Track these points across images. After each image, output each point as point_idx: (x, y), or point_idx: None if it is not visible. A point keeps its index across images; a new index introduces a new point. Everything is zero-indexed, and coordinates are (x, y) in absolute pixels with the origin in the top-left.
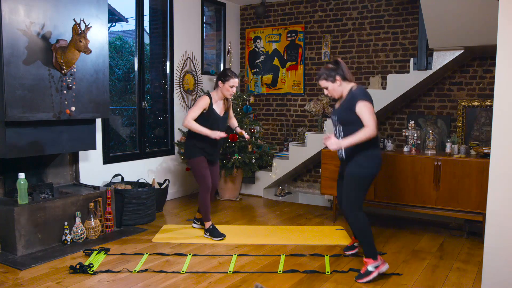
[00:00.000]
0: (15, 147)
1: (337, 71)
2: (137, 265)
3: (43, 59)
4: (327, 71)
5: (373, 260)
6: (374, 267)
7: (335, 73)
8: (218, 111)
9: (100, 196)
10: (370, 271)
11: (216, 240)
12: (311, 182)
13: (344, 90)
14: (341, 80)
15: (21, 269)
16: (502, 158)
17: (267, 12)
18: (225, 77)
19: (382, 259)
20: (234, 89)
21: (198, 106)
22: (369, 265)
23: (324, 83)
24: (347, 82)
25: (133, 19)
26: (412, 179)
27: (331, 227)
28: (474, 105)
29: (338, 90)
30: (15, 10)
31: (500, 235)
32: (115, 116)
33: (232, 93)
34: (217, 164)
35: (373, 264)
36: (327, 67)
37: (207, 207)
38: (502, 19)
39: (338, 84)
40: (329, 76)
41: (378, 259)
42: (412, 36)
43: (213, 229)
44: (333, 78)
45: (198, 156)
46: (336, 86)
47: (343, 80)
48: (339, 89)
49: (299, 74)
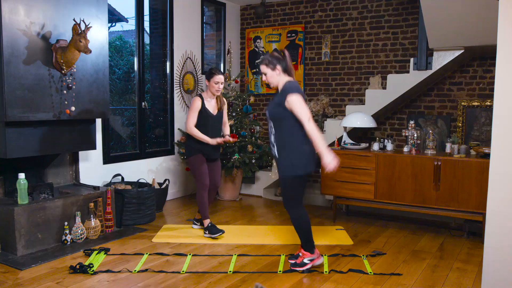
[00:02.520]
0: (15, 147)
1: (280, 61)
2: (137, 265)
3: (43, 59)
4: (270, 57)
5: (310, 254)
6: (310, 260)
7: (277, 62)
8: (210, 109)
9: (100, 196)
10: (305, 262)
11: (215, 236)
12: (311, 182)
13: (280, 82)
14: (280, 71)
15: (21, 269)
16: (502, 158)
17: (267, 12)
18: (210, 74)
19: (318, 253)
20: (220, 85)
21: (193, 109)
22: (306, 258)
23: (264, 68)
24: (286, 75)
25: (133, 19)
26: (412, 179)
27: (331, 227)
28: (474, 105)
29: (275, 79)
30: (15, 10)
31: (500, 235)
32: (115, 116)
33: (218, 89)
34: (217, 162)
35: (309, 257)
36: (272, 54)
37: (205, 204)
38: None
39: (277, 73)
40: (270, 63)
41: (315, 253)
42: (412, 36)
43: (211, 226)
44: (274, 66)
45: (195, 154)
46: (275, 74)
47: (283, 71)
48: (277, 78)
49: (299, 74)
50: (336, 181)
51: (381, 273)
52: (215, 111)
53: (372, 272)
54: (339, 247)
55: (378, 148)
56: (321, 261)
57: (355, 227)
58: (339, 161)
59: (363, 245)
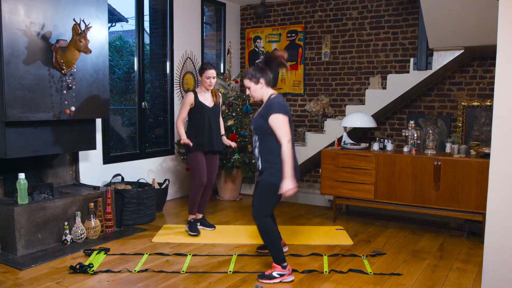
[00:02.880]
0: (15, 147)
1: (263, 73)
2: (137, 265)
3: (43, 59)
4: (253, 71)
5: (281, 268)
6: (279, 274)
7: (260, 76)
8: (206, 103)
9: (100, 196)
10: (274, 276)
11: (191, 234)
12: (311, 182)
13: (265, 95)
14: (264, 84)
15: (21, 269)
16: (502, 158)
17: (267, 12)
18: (202, 69)
19: (290, 270)
20: (211, 80)
21: (184, 104)
22: (275, 271)
23: (247, 82)
24: (269, 88)
25: (133, 19)
26: (412, 179)
27: (331, 227)
28: (474, 105)
29: (259, 93)
30: (15, 10)
31: (500, 235)
32: (115, 116)
33: (210, 83)
34: (215, 157)
35: (279, 271)
36: (255, 68)
37: (195, 202)
38: (502, 19)
39: (260, 87)
40: (253, 77)
41: (286, 269)
42: (412, 36)
43: (193, 223)
44: (257, 80)
45: (195, 151)
46: (258, 88)
47: (267, 85)
48: (260, 91)
49: (299, 74)
50: (336, 181)
51: (381, 273)
52: (212, 104)
53: (372, 272)
54: (339, 247)
55: (378, 148)
56: (291, 279)
57: (355, 227)
58: (296, 191)
59: (363, 245)
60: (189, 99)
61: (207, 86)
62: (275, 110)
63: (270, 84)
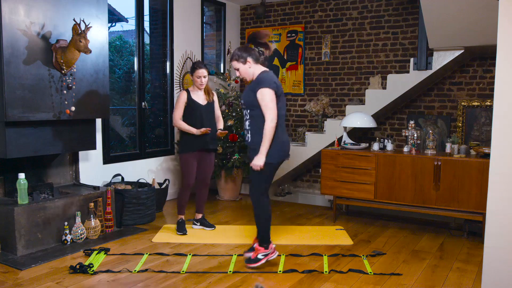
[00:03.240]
0: (15, 147)
1: (250, 53)
2: (137, 265)
3: (43, 59)
4: (239, 52)
5: (265, 249)
6: (264, 255)
7: (247, 55)
8: (199, 101)
9: (100, 196)
10: (259, 258)
11: (178, 234)
12: (311, 182)
13: (255, 73)
14: (252, 63)
15: (21, 269)
16: (502, 158)
17: (267, 12)
18: (192, 69)
19: (273, 248)
20: (202, 79)
21: (178, 103)
22: (260, 253)
23: (236, 64)
24: (259, 65)
25: (133, 19)
26: (412, 179)
27: (331, 227)
28: (474, 105)
29: (249, 73)
30: (15, 10)
31: (500, 235)
32: (115, 116)
33: (201, 83)
34: (211, 156)
35: (263, 252)
36: (240, 48)
37: (181, 202)
38: (502, 19)
39: (248, 66)
40: (240, 57)
41: (269, 248)
42: (412, 36)
43: (181, 223)
44: (244, 59)
45: (186, 152)
46: (247, 67)
47: (255, 63)
48: (250, 71)
49: (299, 74)
50: (336, 181)
51: (381, 273)
52: (205, 102)
53: (372, 272)
54: (339, 247)
55: (378, 148)
56: (275, 256)
57: (355, 227)
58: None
59: (363, 245)
60: (182, 98)
61: (198, 86)
62: (263, 84)
63: (259, 61)
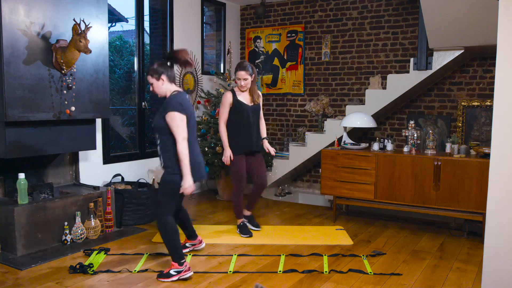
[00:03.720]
0: (15, 147)
1: (166, 70)
2: (137, 265)
3: (43, 59)
4: (156, 67)
5: (178, 266)
6: (176, 271)
7: (162, 71)
8: (245, 102)
9: (100, 196)
10: (172, 274)
11: (243, 237)
12: (311, 182)
13: (168, 91)
14: (165, 80)
15: (21, 269)
16: (502, 158)
17: (267, 12)
18: (235, 71)
19: (187, 266)
20: (242, 82)
21: (223, 105)
22: (173, 269)
23: (149, 78)
24: (173, 84)
25: (133, 19)
26: (412, 179)
27: (331, 227)
28: (474, 105)
29: (162, 89)
30: (15, 10)
31: (500, 235)
32: (115, 116)
33: (241, 85)
34: (258, 155)
35: (176, 269)
36: (158, 63)
37: (239, 206)
38: (502, 19)
39: (162, 83)
40: (155, 73)
41: (183, 266)
42: (412, 36)
43: (243, 226)
44: (158, 76)
45: (236, 155)
46: (160, 84)
47: (170, 81)
48: (162, 88)
49: (299, 74)
50: (336, 181)
51: (381, 273)
52: (251, 103)
53: (372, 272)
54: (339, 247)
55: (378, 148)
56: (189, 275)
57: (355, 227)
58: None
59: (363, 245)
60: (227, 99)
61: (240, 88)
62: (171, 108)
63: (173, 80)
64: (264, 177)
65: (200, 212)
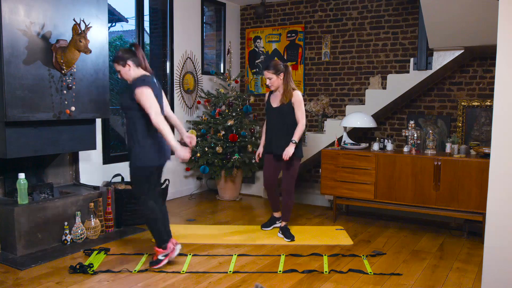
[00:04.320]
0: (15, 147)
1: (131, 55)
2: (137, 265)
3: (43, 59)
4: (121, 53)
5: (163, 250)
6: (164, 255)
7: (127, 57)
8: (273, 103)
9: (100, 196)
10: (160, 259)
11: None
12: (311, 182)
13: (135, 76)
14: (132, 66)
15: (21, 269)
16: (502, 158)
17: (267, 12)
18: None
19: (172, 247)
20: (267, 81)
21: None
22: (160, 254)
23: (116, 66)
24: (140, 69)
25: (133, 19)
26: (412, 179)
27: (331, 227)
28: (474, 105)
29: (130, 74)
30: (15, 10)
31: (500, 235)
32: (115, 116)
33: (268, 84)
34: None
35: (162, 253)
36: (122, 49)
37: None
38: (502, 19)
39: (128, 69)
40: (121, 60)
41: (167, 248)
42: (412, 36)
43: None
44: (124, 62)
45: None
46: (127, 70)
47: (137, 66)
48: (130, 73)
49: (299, 74)
50: (336, 181)
51: (381, 273)
52: (277, 104)
53: (372, 272)
54: (339, 247)
55: (378, 148)
56: (176, 253)
57: (355, 227)
58: (191, 153)
59: (363, 245)
60: (266, 98)
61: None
62: (137, 84)
63: (141, 65)
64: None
65: (200, 212)
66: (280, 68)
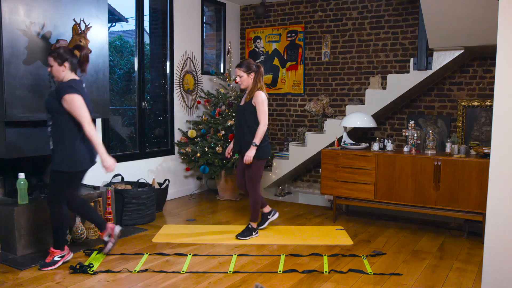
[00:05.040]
0: (15, 147)
1: (71, 57)
2: (137, 265)
3: (43, 59)
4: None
5: (60, 251)
6: (60, 257)
7: (67, 58)
8: (242, 101)
9: (100, 196)
10: (56, 260)
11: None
12: (311, 182)
13: (65, 78)
14: (67, 68)
15: (21, 269)
16: (502, 158)
17: (267, 12)
18: None
19: (68, 250)
20: (238, 78)
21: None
22: (56, 256)
23: (51, 61)
24: (73, 73)
25: (133, 19)
26: (412, 179)
27: (331, 227)
28: (474, 105)
29: (60, 75)
30: (15, 10)
31: (500, 235)
32: (115, 116)
33: (239, 82)
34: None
35: (59, 254)
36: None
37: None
38: (502, 19)
39: (62, 69)
40: (59, 58)
41: (64, 250)
42: (412, 36)
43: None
44: (62, 61)
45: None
46: (60, 70)
47: (71, 69)
48: (62, 74)
49: (299, 74)
50: (336, 181)
51: (381, 273)
52: (243, 102)
53: (372, 272)
54: (339, 247)
55: (378, 148)
56: (70, 257)
57: (355, 227)
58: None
59: (363, 245)
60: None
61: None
62: (66, 91)
63: (75, 70)
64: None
65: (200, 212)
66: (252, 67)
